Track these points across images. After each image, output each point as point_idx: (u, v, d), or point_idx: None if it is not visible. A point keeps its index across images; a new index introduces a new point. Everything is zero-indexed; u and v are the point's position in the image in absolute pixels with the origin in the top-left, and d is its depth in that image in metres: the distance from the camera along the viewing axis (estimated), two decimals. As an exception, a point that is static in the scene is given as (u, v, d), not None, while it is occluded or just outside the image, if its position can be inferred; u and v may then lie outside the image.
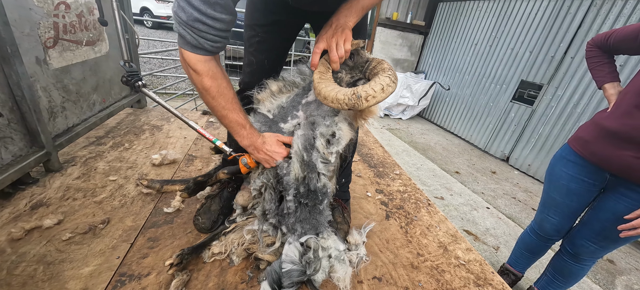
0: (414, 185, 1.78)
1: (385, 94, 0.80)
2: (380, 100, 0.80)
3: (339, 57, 0.88)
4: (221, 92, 0.86)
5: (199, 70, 0.80)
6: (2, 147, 1.18)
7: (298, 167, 0.94)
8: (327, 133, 0.94)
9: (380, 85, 0.79)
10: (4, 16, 1.11)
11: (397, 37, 5.48)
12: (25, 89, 1.23)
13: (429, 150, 4.08)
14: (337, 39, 0.86)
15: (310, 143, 0.95)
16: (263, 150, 0.96)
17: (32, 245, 0.99)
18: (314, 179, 0.95)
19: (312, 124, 0.97)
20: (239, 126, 0.92)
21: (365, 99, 0.79)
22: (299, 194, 0.97)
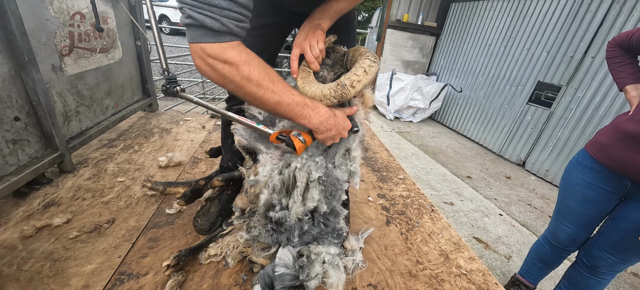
0: (418, 190, 1.74)
1: (370, 75, 0.82)
2: (366, 83, 0.82)
3: (315, 57, 0.88)
4: (266, 75, 0.70)
5: (232, 59, 0.65)
6: (19, 149, 1.25)
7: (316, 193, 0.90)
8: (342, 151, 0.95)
9: (362, 69, 0.81)
10: (21, 27, 1.19)
11: (408, 39, 5.41)
12: (41, 94, 1.30)
13: (440, 154, 3.98)
14: (310, 41, 0.87)
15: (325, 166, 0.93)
16: (336, 126, 0.82)
17: (41, 243, 1.05)
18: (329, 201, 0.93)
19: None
20: (300, 106, 0.76)
21: (351, 86, 0.80)
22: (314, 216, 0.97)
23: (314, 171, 0.87)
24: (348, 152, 0.97)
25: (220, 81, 0.69)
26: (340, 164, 0.94)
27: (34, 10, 1.30)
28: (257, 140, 0.98)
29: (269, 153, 0.96)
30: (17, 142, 1.24)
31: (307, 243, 1.00)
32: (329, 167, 0.91)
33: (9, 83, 1.19)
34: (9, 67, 1.18)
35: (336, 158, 0.95)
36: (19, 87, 1.24)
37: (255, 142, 0.98)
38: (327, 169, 0.91)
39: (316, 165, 0.88)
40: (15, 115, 1.23)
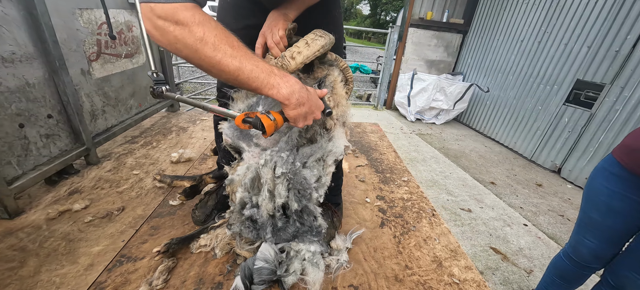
0: (421, 193, 1.67)
1: (313, 47, 0.83)
2: (308, 55, 0.84)
3: (275, 43, 0.89)
4: (224, 38, 0.63)
5: (184, 19, 0.58)
6: (51, 143, 1.44)
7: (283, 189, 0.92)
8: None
9: (304, 41, 0.84)
10: (53, 36, 1.37)
11: (432, 37, 5.19)
12: (70, 95, 1.48)
13: (462, 158, 3.76)
14: (272, 28, 0.89)
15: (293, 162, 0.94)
16: (309, 102, 0.75)
17: (61, 224, 1.20)
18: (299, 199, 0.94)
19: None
20: (266, 73, 0.68)
21: (291, 57, 0.83)
22: (285, 214, 0.98)
23: (279, 167, 0.89)
24: (323, 160, 0.97)
25: (171, 47, 0.61)
26: (312, 166, 0.95)
27: (66, 21, 1.48)
28: (239, 138, 1.02)
29: (250, 151, 1.00)
30: (49, 137, 1.42)
31: (287, 240, 1.02)
32: (297, 165, 0.92)
33: (44, 85, 1.37)
34: (43, 71, 1.36)
35: (309, 160, 0.95)
36: (52, 89, 1.42)
37: (238, 140, 1.02)
38: (294, 166, 0.91)
39: (282, 161, 0.90)
40: (48, 113, 1.41)
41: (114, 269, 1.02)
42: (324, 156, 0.98)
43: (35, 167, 1.34)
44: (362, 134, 2.53)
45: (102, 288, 0.94)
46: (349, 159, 2.02)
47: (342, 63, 1.05)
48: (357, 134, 2.52)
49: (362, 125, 2.72)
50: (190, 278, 1.01)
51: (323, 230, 1.01)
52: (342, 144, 1.00)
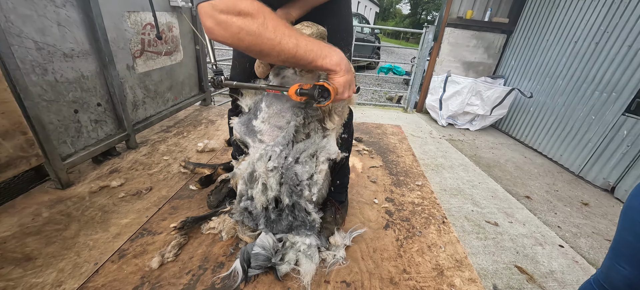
0: (434, 199, 1.61)
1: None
2: None
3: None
4: (278, 20, 0.69)
5: (246, 9, 0.63)
6: (99, 128, 1.67)
7: (273, 182, 0.97)
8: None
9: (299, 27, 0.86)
10: (105, 35, 1.58)
11: (471, 38, 4.88)
12: (116, 87, 1.71)
13: (495, 168, 3.49)
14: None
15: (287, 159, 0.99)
16: (350, 71, 0.81)
17: (100, 197, 1.39)
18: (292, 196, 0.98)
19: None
20: (318, 46, 0.74)
21: None
22: (279, 207, 1.03)
23: (271, 161, 0.94)
24: (315, 157, 1.00)
25: (234, 38, 0.65)
26: (304, 162, 0.98)
27: (116, 23, 1.71)
28: (246, 133, 1.09)
29: (254, 146, 1.06)
30: (98, 122, 1.66)
31: (284, 231, 1.07)
32: (289, 161, 0.95)
33: (95, 78, 1.60)
34: (95, 66, 1.59)
35: (302, 155, 0.98)
36: (102, 81, 1.65)
37: (245, 135, 1.09)
38: (286, 160, 0.95)
39: (275, 155, 0.94)
40: (98, 101, 1.64)
41: (136, 239, 1.17)
42: (316, 152, 1.01)
43: (85, 147, 1.57)
44: (382, 135, 2.49)
45: (124, 254, 1.09)
46: (364, 159, 2.01)
47: None
48: (376, 135, 2.49)
49: (383, 126, 2.68)
50: (197, 255, 1.11)
51: (317, 225, 1.05)
52: (335, 145, 1.02)
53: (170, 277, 1.01)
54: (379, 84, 8.18)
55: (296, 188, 0.96)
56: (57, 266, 1.02)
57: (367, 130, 2.61)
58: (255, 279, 1.02)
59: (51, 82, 1.35)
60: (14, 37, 1.17)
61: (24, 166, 1.24)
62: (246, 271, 1.01)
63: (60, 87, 1.40)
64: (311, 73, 1.02)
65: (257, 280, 1.02)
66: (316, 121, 1.01)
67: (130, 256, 1.08)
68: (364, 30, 9.19)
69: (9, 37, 1.14)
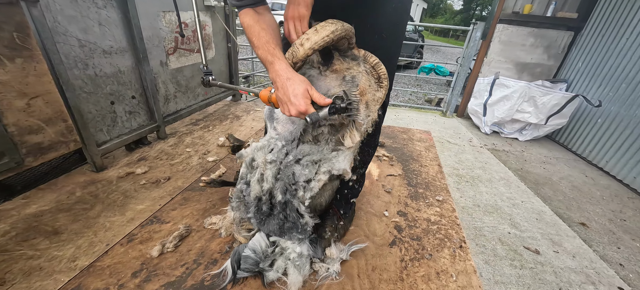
0: (455, 218, 1.44)
1: (321, 33, 0.80)
2: (317, 41, 0.80)
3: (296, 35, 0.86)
4: (255, 34, 0.90)
5: (241, 21, 0.93)
6: (132, 118, 1.83)
7: (270, 175, 0.95)
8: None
9: (314, 28, 0.81)
10: (140, 34, 1.72)
11: (528, 35, 4.30)
12: (149, 81, 1.85)
13: (546, 186, 3.03)
14: (294, 19, 0.84)
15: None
16: (283, 88, 0.83)
17: (124, 182, 1.52)
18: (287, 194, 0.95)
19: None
20: (270, 54, 0.86)
21: (299, 44, 0.81)
22: (271, 203, 1.01)
23: (271, 153, 0.91)
24: (318, 164, 0.94)
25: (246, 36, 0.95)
26: (305, 165, 0.93)
27: (151, 22, 1.84)
28: (268, 117, 1.09)
29: (269, 132, 1.05)
30: (131, 113, 1.82)
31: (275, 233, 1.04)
32: (289, 158, 0.91)
33: (131, 72, 1.75)
34: (131, 61, 1.74)
35: (305, 158, 0.94)
36: (137, 75, 1.80)
37: (267, 118, 1.09)
38: (286, 157, 0.91)
39: (277, 149, 0.92)
40: (132, 94, 1.79)
41: (146, 226, 1.24)
42: (320, 161, 0.95)
43: (119, 136, 1.74)
44: (408, 141, 2.32)
45: (132, 238, 1.17)
46: (382, 166, 1.89)
47: (372, 58, 0.97)
48: (401, 140, 2.33)
49: (410, 131, 2.50)
50: (195, 249, 1.14)
51: (309, 229, 0.99)
52: (344, 164, 0.95)
53: (166, 267, 1.06)
54: (419, 85, 7.72)
55: (291, 187, 0.92)
56: (77, 242, 1.13)
57: (392, 134, 2.46)
58: (243, 282, 1.01)
59: (91, 76, 1.51)
60: (60, 35, 1.32)
61: (63, 150, 1.40)
62: (235, 272, 1.01)
63: (99, 80, 1.56)
64: (335, 73, 0.96)
65: (245, 283, 1.01)
66: (329, 131, 0.96)
67: (137, 242, 1.16)
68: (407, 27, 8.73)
69: (55, 35, 1.29)
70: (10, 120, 1.17)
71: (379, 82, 0.97)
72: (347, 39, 0.88)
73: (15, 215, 1.23)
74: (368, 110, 0.96)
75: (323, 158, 0.96)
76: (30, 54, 1.19)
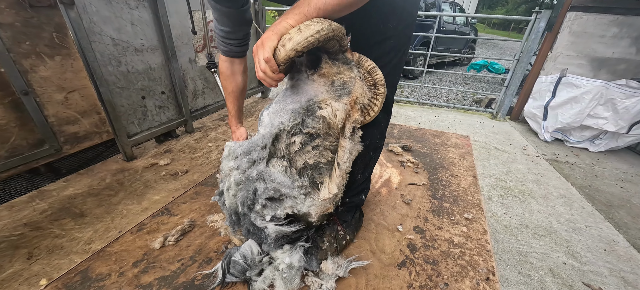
0: (485, 242, 1.21)
1: (305, 32, 0.70)
2: (299, 41, 0.70)
3: (259, 77, 0.76)
4: (224, 85, 1.17)
5: (220, 67, 1.13)
6: (162, 112, 1.95)
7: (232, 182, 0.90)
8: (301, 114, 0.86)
9: (297, 28, 0.72)
10: (169, 32, 1.81)
11: (610, 24, 3.55)
12: (178, 78, 1.95)
13: (621, 209, 2.47)
14: (257, 50, 0.74)
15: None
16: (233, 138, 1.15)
17: (147, 173, 1.62)
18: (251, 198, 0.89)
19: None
20: (229, 112, 1.22)
21: (281, 45, 0.72)
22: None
23: (233, 160, 0.85)
24: (281, 197, 0.86)
25: None
26: (269, 189, 0.84)
27: (181, 21, 1.93)
28: (259, 119, 1.04)
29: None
30: (161, 108, 1.93)
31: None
32: (252, 173, 0.85)
33: (161, 69, 1.86)
34: (161, 59, 1.85)
35: (269, 184, 0.84)
36: (166, 72, 1.91)
37: (259, 120, 1.05)
38: (249, 170, 0.85)
39: (240, 158, 0.85)
40: (162, 90, 1.91)
41: (156, 216, 1.29)
42: (284, 196, 0.86)
43: (149, 128, 1.86)
44: (440, 146, 2.08)
45: (142, 228, 1.22)
46: (405, 173, 1.71)
47: (367, 63, 0.89)
48: (432, 145, 2.10)
49: (445, 135, 2.23)
50: (194, 245, 1.15)
51: (271, 237, 0.91)
52: (309, 209, 0.87)
53: (164, 260, 1.07)
54: (467, 83, 7.00)
55: (247, 201, 0.86)
56: (95, 226, 1.23)
57: (423, 137, 2.23)
58: (232, 286, 0.98)
59: (124, 72, 1.63)
60: (95, 35, 1.45)
61: (97, 139, 1.54)
62: (224, 275, 0.98)
63: (131, 76, 1.68)
64: (324, 78, 0.90)
65: (233, 287, 0.97)
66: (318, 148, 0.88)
67: (145, 231, 1.20)
68: (457, 20, 7.98)
69: (90, 35, 1.41)
70: (50, 111, 1.32)
71: (375, 89, 0.88)
72: (337, 40, 0.79)
73: (55, 196, 1.39)
74: (362, 118, 0.90)
75: (287, 194, 0.87)
76: (68, 52, 1.32)
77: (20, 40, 1.18)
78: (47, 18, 1.24)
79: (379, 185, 1.57)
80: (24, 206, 1.31)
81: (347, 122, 0.88)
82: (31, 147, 1.30)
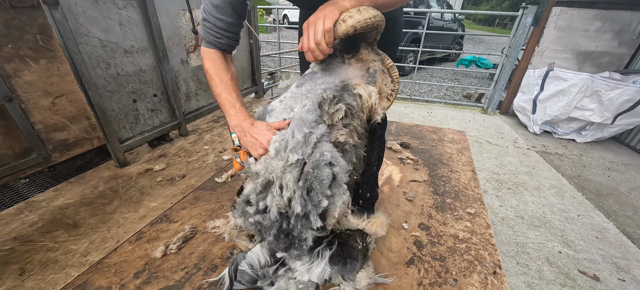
0: (490, 237, 1.23)
1: (364, 14, 0.75)
2: (359, 20, 0.75)
3: (308, 48, 0.77)
4: (217, 74, 0.94)
5: (203, 55, 0.96)
6: (154, 116, 1.88)
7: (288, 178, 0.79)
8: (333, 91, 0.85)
9: (357, 8, 0.76)
10: (160, 33, 1.75)
11: (593, 19, 3.67)
12: (170, 80, 1.88)
13: (610, 197, 2.56)
14: (313, 24, 0.75)
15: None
16: (249, 133, 0.87)
17: (142, 179, 1.56)
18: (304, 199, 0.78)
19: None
20: (229, 104, 0.92)
21: (342, 20, 0.75)
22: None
23: (293, 152, 0.77)
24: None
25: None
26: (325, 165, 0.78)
27: (171, 21, 1.87)
28: (261, 116, 0.98)
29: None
30: (154, 111, 1.87)
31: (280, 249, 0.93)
32: (317, 156, 0.76)
33: (152, 71, 1.79)
34: (152, 60, 1.78)
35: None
36: (158, 74, 1.84)
37: (260, 117, 1.00)
38: (314, 151, 0.77)
39: (298, 143, 0.78)
40: (154, 92, 1.84)
41: (155, 224, 1.25)
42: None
43: (141, 133, 1.80)
44: (437, 142, 2.09)
45: (140, 236, 1.17)
46: (405, 170, 1.71)
47: (389, 61, 0.97)
48: (430, 141, 2.11)
49: (441, 131, 2.25)
50: (197, 252, 1.11)
51: (305, 246, 0.87)
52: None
53: (167, 269, 1.04)
54: (457, 79, 7.12)
55: (316, 197, 0.77)
56: (91, 237, 1.17)
57: (420, 134, 2.24)
58: (239, 294, 0.95)
59: (113, 75, 1.56)
60: (82, 36, 1.37)
61: (87, 146, 1.47)
62: (232, 283, 0.95)
63: (121, 79, 1.61)
64: (360, 63, 0.96)
65: (241, 295, 0.95)
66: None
67: (144, 240, 1.16)
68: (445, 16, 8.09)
69: (77, 36, 1.34)
70: (36, 118, 1.24)
71: (392, 80, 0.96)
72: (378, 32, 0.86)
73: (45, 207, 1.32)
74: (377, 108, 0.91)
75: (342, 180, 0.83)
76: (53, 55, 1.25)
77: (1, 43, 1.11)
78: (30, 19, 1.17)
79: (381, 183, 1.57)
80: (11, 219, 1.24)
81: (378, 106, 0.91)
82: (18, 157, 1.22)
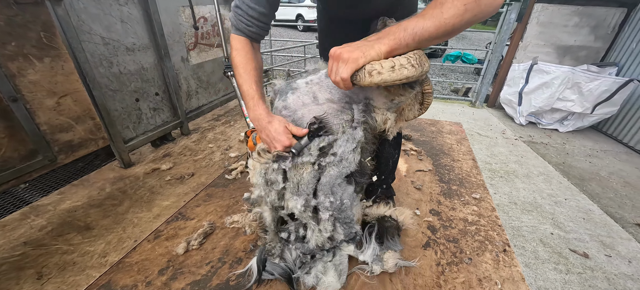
0: (495, 219, 1.30)
1: (396, 75, 0.67)
2: (386, 80, 0.68)
3: (333, 80, 0.75)
4: (242, 64, 0.93)
5: (231, 43, 0.94)
6: (157, 115, 1.85)
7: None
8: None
9: (391, 63, 0.68)
10: (161, 30, 1.72)
11: (572, 14, 3.89)
12: (172, 78, 1.85)
13: (593, 181, 2.74)
14: (338, 61, 0.72)
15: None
16: (266, 130, 0.89)
17: (151, 179, 1.54)
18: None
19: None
20: (248, 97, 0.93)
21: (368, 73, 0.68)
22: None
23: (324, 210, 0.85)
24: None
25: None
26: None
27: (172, 18, 1.84)
28: (281, 90, 1.00)
29: (278, 101, 0.98)
30: (156, 110, 1.83)
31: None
32: (342, 199, 0.86)
33: (153, 69, 1.76)
34: (153, 58, 1.74)
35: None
36: (159, 72, 1.81)
37: (279, 92, 1.01)
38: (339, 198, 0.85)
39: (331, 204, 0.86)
40: (156, 91, 1.81)
41: (171, 222, 1.24)
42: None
43: (144, 132, 1.76)
44: (436, 134, 2.17)
45: (159, 235, 1.16)
46: (410, 161, 1.77)
47: (428, 86, 0.87)
48: (429, 133, 2.19)
49: (439, 123, 2.34)
50: (219, 247, 1.12)
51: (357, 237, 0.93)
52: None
53: (191, 265, 1.04)
54: (444, 75, 7.33)
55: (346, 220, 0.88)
56: (107, 238, 1.15)
57: (419, 126, 2.31)
58: (268, 283, 0.97)
59: (116, 74, 1.52)
60: (85, 34, 1.33)
61: (92, 147, 1.43)
62: (260, 273, 0.96)
63: (123, 78, 1.57)
64: (386, 92, 0.87)
65: (270, 284, 0.97)
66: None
67: (163, 238, 1.15)
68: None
69: (80, 34, 1.30)
70: (42, 119, 1.20)
71: (421, 106, 0.92)
72: (417, 81, 0.77)
73: (52, 210, 1.28)
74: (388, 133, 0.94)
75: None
76: (58, 53, 1.21)
77: (5, 41, 1.06)
78: (33, 16, 1.12)
79: (388, 174, 1.62)
80: (17, 224, 1.19)
81: (391, 129, 0.92)
82: (23, 159, 1.18)
